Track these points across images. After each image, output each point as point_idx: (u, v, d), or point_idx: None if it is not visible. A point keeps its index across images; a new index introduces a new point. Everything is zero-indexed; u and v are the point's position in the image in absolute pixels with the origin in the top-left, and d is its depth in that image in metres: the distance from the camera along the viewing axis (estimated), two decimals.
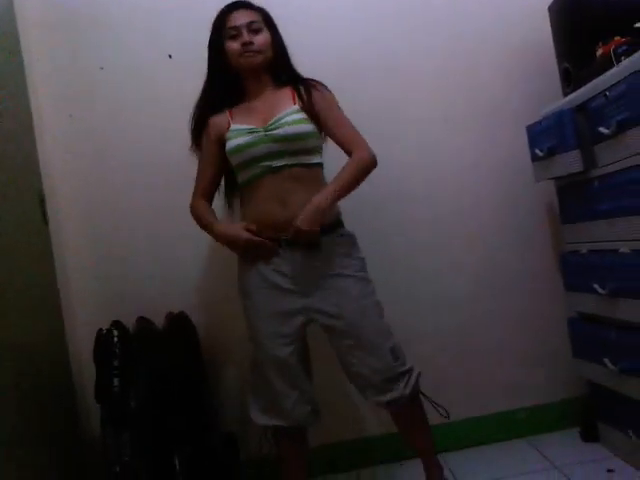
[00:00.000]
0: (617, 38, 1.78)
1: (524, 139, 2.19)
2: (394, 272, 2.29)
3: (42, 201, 2.16)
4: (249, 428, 2.06)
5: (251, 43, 1.78)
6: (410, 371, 1.79)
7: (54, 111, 2.30)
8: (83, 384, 2.19)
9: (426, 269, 2.34)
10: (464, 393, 2.28)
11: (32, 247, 2.08)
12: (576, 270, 2.06)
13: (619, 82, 1.68)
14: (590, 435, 2.19)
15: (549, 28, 2.12)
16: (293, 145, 1.75)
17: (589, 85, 1.86)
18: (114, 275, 2.30)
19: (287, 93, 1.83)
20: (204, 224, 1.87)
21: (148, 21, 2.32)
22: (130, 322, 2.05)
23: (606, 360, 1.88)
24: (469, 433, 2.30)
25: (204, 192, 1.91)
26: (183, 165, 2.26)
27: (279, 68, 1.87)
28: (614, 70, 1.72)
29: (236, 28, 1.79)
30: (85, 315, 2.27)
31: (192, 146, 1.95)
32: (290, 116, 1.76)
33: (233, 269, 1.85)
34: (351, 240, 1.83)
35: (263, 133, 1.76)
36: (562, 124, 1.94)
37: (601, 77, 1.79)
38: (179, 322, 2.08)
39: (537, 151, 2.08)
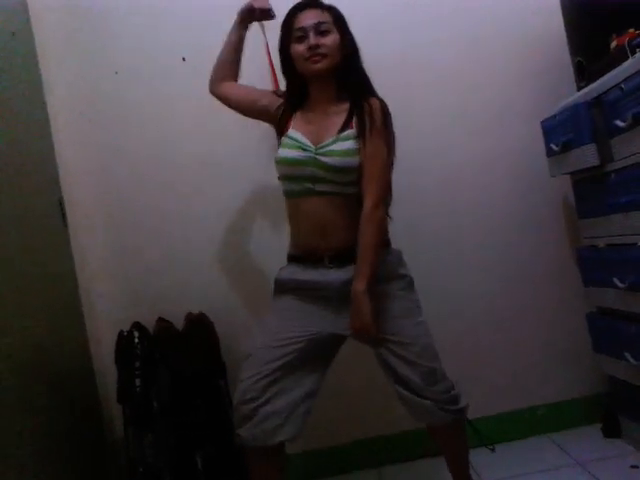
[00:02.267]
0: (631, 30, 1.77)
1: (538, 134, 2.19)
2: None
3: (61, 203, 2.19)
4: None
5: (317, 46, 1.67)
6: (451, 401, 1.70)
7: (71, 115, 2.33)
8: (106, 385, 2.21)
9: (441, 265, 2.34)
10: (484, 390, 2.27)
11: (52, 249, 2.10)
12: (594, 265, 2.05)
13: (635, 74, 1.67)
14: (612, 431, 2.18)
15: (562, 22, 2.12)
16: (338, 176, 1.67)
17: (604, 78, 1.85)
18: (134, 277, 2.32)
19: (345, 110, 1.72)
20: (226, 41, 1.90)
21: (162, 24, 2.35)
22: (150, 323, 2.08)
23: (627, 354, 1.86)
24: (490, 430, 2.29)
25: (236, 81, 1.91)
26: (201, 167, 2.33)
27: (346, 74, 1.74)
28: (630, 62, 1.71)
29: (303, 29, 1.69)
30: (106, 317, 2.29)
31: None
32: (341, 143, 1.67)
33: (252, 270, 1.84)
34: (398, 259, 1.79)
35: (313, 154, 1.68)
36: (577, 118, 1.93)
37: (616, 70, 1.78)
38: (199, 323, 2.10)
39: (552, 146, 2.08)
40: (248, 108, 1.88)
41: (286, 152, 1.72)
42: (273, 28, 1.86)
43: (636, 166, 1.74)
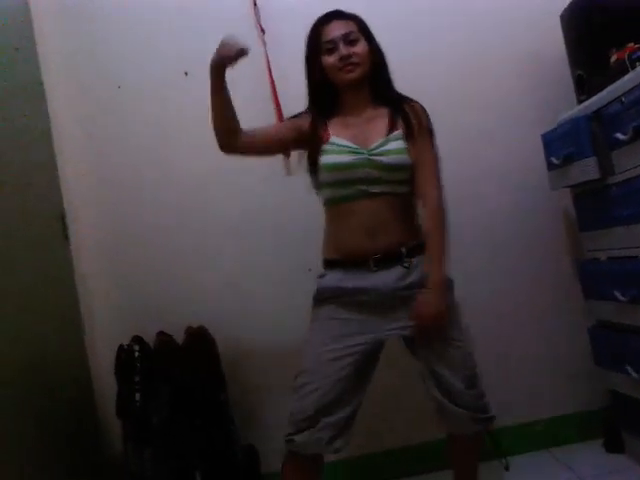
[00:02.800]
0: (631, 44, 1.78)
1: (539, 147, 2.19)
2: None
3: (62, 217, 2.21)
4: (270, 441, 2.08)
5: (349, 56, 1.70)
6: (483, 409, 1.71)
7: (74, 130, 2.35)
8: (104, 400, 2.20)
9: None
10: None
11: (53, 263, 2.12)
12: (595, 278, 2.05)
13: (635, 87, 1.68)
14: (614, 446, 2.16)
15: (562, 36, 2.14)
16: (392, 175, 1.68)
17: (604, 91, 1.86)
18: (134, 290, 2.32)
19: (386, 113, 1.74)
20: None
21: (164, 39, 2.37)
22: (150, 337, 2.07)
23: (628, 368, 1.85)
24: (490, 445, 2.27)
25: (247, 129, 1.73)
26: (203, 182, 2.34)
27: (377, 81, 1.78)
28: (630, 75, 1.72)
29: (332, 42, 1.71)
30: (106, 331, 2.28)
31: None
32: (393, 143, 1.69)
33: (251, 283, 1.83)
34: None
35: (366, 156, 1.67)
36: (578, 131, 1.93)
37: (616, 83, 1.79)
38: (199, 336, 2.09)
39: (553, 159, 2.08)
40: (279, 146, 1.83)
41: (335, 157, 1.70)
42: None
43: (637, 179, 1.74)
